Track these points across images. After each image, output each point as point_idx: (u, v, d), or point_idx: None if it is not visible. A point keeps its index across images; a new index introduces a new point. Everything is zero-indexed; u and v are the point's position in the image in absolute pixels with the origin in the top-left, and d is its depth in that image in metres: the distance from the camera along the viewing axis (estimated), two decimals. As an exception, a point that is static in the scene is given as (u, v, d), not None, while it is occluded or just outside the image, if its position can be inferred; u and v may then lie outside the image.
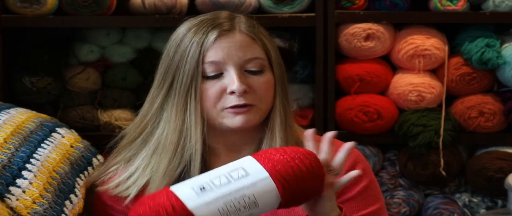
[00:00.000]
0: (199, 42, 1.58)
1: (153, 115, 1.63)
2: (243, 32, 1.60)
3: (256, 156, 1.35)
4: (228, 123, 1.57)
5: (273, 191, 1.30)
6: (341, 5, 2.55)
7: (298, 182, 1.32)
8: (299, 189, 1.33)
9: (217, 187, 1.28)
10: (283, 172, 1.31)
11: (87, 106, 2.63)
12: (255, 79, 1.58)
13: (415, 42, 2.55)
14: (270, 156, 1.33)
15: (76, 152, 1.72)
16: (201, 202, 1.27)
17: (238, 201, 1.28)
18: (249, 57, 1.58)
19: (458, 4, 2.54)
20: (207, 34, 1.58)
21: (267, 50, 1.61)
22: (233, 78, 1.55)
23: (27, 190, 1.46)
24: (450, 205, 2.61)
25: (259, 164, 1.31)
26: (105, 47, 2.64)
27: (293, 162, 1.33)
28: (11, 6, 2.50)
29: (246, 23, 1.62)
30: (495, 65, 2.52)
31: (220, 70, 1.57)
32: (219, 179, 1.29)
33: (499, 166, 2.55)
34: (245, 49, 1.58)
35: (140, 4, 2.52)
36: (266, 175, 1.29)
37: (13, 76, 2.58)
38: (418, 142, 2.54)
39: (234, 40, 1.58)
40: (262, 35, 1.62)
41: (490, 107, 2.58)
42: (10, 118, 1.68)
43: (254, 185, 1.28)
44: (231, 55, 1.57)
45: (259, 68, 1.59)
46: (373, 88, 2.59)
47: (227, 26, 1.60)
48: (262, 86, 1.58)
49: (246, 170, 1.30)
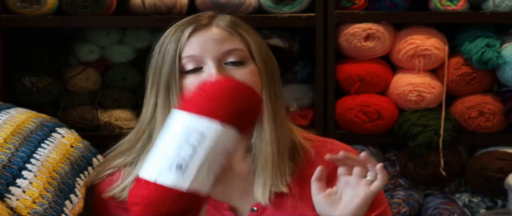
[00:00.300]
0: (176, 39, 1.58)
1: (148, 118, 1.64)
2: (220, 27, 1.58)
3: (188, 109, 1.33)
4: None
5: (229, 131, 1.30)
6: (341, 5, 2.55)
7: (233, 105, 1.30)
8: (238, 109, 1.31)
9: (191, 158, 1.28)
10: (220, 108, 1.30)
11: (87, 106, 2.63)
12: (237, 71, 1.55)
13: (415, 42, 2.55)
14: (198, 102, 1.32)
15: (76, 152, 1.72)
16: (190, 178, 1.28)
17: (215, 158, 1.30)
18: (227, 49, 1.56)
19: (458, 4, 2.54)
20: (183, 30, 1.58)
21: (247, 43, 1.58)
22: (211, 70, 1.54)
23: (27, 190, 1.46)
24: (450, 205, 2.61)
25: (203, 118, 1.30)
26: (105, 47, 2.64)
27: (221, 93, 1.31)
28: (11, 6, 2.51)
29: (226, 20, 1.60)
30: (495, 65, 2.52)
31: (199, 65, 1.56)
32: (185, 150, 1.29)
33: (499, 166, 2.55)
34: (222, 42, 1.56)
35: (140, 4, 2.52)
36: (218, 125, 1.29)
37: (13, 76, 2.58)
38: (418, 142, 2.55)
39: (210, 34, 1.57)
40: (242, 29, 1.60)
41: (490, 107, 2.58)
42: (10, 118, 1.68)
43: (217, 138, 1.29)
44: (208, 49, 1.55)
45: (239, 60, 1.56)
46: (373, 88, 2.59)
47: (205, 22, 1.59)
48: (244, 78, 1.53)
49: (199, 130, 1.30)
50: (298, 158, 1.61)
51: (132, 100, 2.65)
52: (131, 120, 2.62)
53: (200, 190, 1.29)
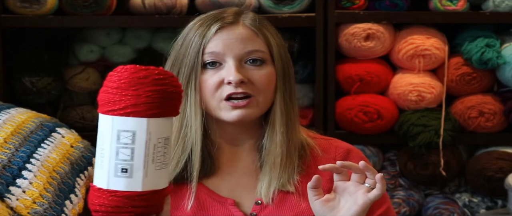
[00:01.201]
0: (201, 34, 1.60)
1: None
2: (245, 26, 1.61)
3: (108, 111, 1.32)
4: (225, 116, 1.58)
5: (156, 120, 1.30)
6: (341, 5, 2.55)
7: (147, 94, 1.29)
8: (153, 96, 1.29)
9: (132, 158, 1.28)
10: (136, 102, 1.29)
11: (87, 106, 2.63)
12: (255, 72, 1.58)
13: (415, 42, 2.55)
14: (114, 102, 1.31)
15: (76, 152, 1.72)
16: (140, 178, 1.28)
17: (156, 150, 1.30)
18: (249, 49, 1.59)
19: (458, 4, 2.54)
20: (210, 26, 1.61)
21: (270, 44, 1.62)
22: (231, 68, 1.56)
23: (27, 190, 1.46)
24: (450, 205, 2.61)
25: (125, 117, 1.29)
26: (105, 47, 2.64)
27: (129, 85, 1.30)
28: (11, 6, 2.50)
29: (251, 18, 1.63)
30: (495, 65, 2.52)
31: (220, 61, 1.58)
32: (123, 153, 1.29)
33: (499, 166, 2.55)
34: (246, 41, 1.59)
35: (140, 4, 2.52)
36: (142, 119, 1.29)
37: (13, 76, 2.58)
38: (418, 142, 2.54)
39: (235, 33, 1.60)
40: (266, 30, 1.63)
41: (490, 107, 2.58)
42: (10, 118, 1.68)
43: (148, 132, 1.29)
44: (231, 47, 1.58)
45: (259, 59, 1.59)
46: (373, 88, 2.59)
47: (231, 19, 1.61)
48: (262, 79, 1.58)
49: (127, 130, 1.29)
50: (305, 155, 1.63)
51: (132, 100, 2.65)
52: (131, 120, 2.62)
53: (155, 186, 1.29)
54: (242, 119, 1.57)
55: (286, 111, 1.62)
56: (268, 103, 1.61)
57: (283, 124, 1.61)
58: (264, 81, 1.58)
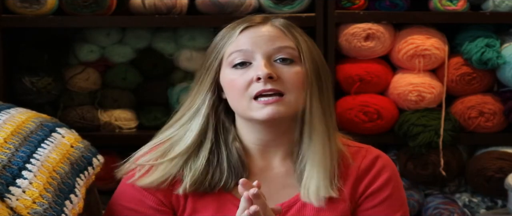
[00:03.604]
0: (228, 34, 1.61)
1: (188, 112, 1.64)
2: (274, 25, 1.60)
3: None
4: (256, 115, 1.55)
5: None
6: (341, 5, 2.55)
7: None
8: None
9: None
10: None
11: (87, 106, 2.63)
12: (285, 69, 1.56)
13: (415, 42, 2.55)
14: None
15: (76, 152, 1.72)
16: None
17: None
18: (277, 46, 1.57)
19: (458, 4, 2.54)
20: (235, 27, 1.61)
21: (298, 44, 1.60)
22: (260, 64, 1.55)
23: (27, 190, 1.46)
24: (450, 205, 2.61)
25: None
26: (105, 47, 2.64)
27: None
28: (11, 6, 2.50)
29: (280, 21, 1.62)
30: (495, 65, 2.52)
31: (249, 60, 1.57)
32: None
33: (499, 166, 2.55)
34: (274, 39, 1.58)
35: (140, 4, 2.52)
36: None
37: (13, 76, 2.58)
38: (418, 142, 2.54)
39: (263, 30, 1.59)
40: (295, 31, 1.62)
41: (490, 107, 2.58)
42: (10, 118, 1.68)
43: None
44: (259, 44, 1.57)
45: (289, 57, 1.57)
46: (373, 88, 2.59)
47: (259, 20, 1.61)
48: (291, 76, 1.56)
49: None
50: (338, 163, 1.62)
51: (132, 100, 2.65)
52: (131, 120, 2.62)
53: None
54: (273, 117, 1.54)
55: (325, 112, 1.59)
56: (299, 103, 1.58)
57: (323, 125, 1.58)
58: (294, 79, 1.56)
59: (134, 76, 2.63)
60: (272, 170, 1.62)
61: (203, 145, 1.60)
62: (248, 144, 1.62)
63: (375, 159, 1.64)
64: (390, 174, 1.64)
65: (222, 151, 1.60)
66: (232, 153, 1.59)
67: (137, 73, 2.64)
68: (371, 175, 1.60)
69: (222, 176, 1.58)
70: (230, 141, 1.61)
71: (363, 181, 1.62)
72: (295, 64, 1.58)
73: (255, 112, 1.55)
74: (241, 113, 1.59)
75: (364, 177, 1.62)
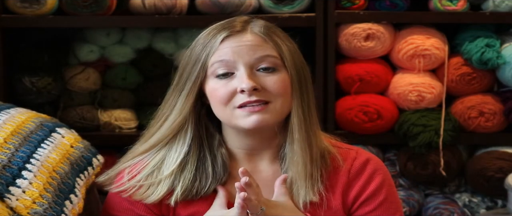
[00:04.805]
0: (209, 43, 1.58)
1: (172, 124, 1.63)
2: (254, 33, 1.58)
3: None
4: (241, 123, 1.55)
5: None
6: (341, 5, 2.55)
7: None
8: None
9: None
10: None
11: (87, 106, 2.63)
12: (268, 78, 1.56)
13: (415, 42, 2.55)
14: None
15: (76, 152, 1.72)
16: None
17: None
18: (259, 56, 1.56)
19: (458, 4, 2.54)
20: (216, 35, 1.58)
21: (280, 50, 1.59)
22: (243, 76, 1.54)
23: (27, 190, 1.46)
24: (450, 205, 2.61)
25: None
26: (105, 47, 2.64)
27: None
28: (11, 6, 2.51)
29: (260, 25, 1.60)
30: (495, 65, 2.53)
31: (231, 70, 1.56)
32: None
33: (499, 166, 2.55)
34: (255, 48, 1.57)
35: (140, 4, 2.52)
36: None
37: (13, 76, 2.58)
38: (418, 142, 2.54)
39: (244, 40, 1.57)
40: (276, 36, 1.60)
41: (490, 107, 2.58)
42: (10, 118, 1.68)
43: None
44: (241, 54, 1.56)
45: (271, 66, 1.56)
46: (373, 88, 2.59)
47: (239, 27, 1.59)
48: (276, 85, 1.55)
49: None
50: (325, 165, 1.61)
51: (132, 100, 2.65)
52: (131, 120, 2.63)
53: None
54: (259, 125, 1.54)
55: (305, 118, 1.58)
56: (286, 109, 1.58)
57: (303, 131, 1.58)
58: (278, 86, 1.55)
59: (134, 76, 2.63)
60: (260, 173, 1.61)
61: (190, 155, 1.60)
62: (234, 149, 1.62)
63: (366, 161, 1.63)
64: (383, 177, 1.63)
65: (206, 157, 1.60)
66: (217, 159, 1.60)
67: (137, 73, 2.64)
68: (363, 179, 1.60)
69: (207, 181, 1.58)
70: (215, 146, 1.60)
71: (354, 186, 1.61)
72: (277, 71, 1.57)
73: (240, 120, 1.55)
74: (225, 121, 1.59)
75: (355, 181, 1.61)
